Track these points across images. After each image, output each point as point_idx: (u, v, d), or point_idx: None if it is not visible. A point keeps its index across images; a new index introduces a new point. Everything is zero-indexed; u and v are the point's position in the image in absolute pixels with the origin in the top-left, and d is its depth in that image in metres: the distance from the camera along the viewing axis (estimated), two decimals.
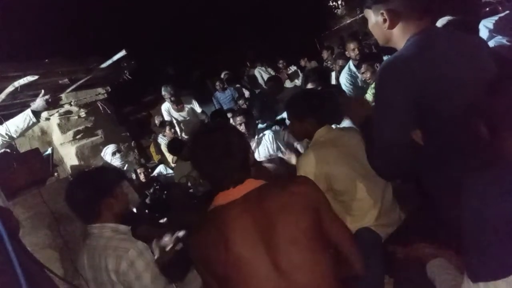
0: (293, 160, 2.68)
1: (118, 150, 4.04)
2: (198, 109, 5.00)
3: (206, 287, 1.17)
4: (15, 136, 2.52)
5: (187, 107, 4.99)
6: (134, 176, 4.16)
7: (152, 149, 5.99)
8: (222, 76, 6.81)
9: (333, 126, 2.68)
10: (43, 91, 2.58)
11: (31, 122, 2.51)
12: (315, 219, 1.11)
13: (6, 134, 2.48)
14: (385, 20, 1.24)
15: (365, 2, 1.30)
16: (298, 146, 3.10)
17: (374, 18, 1.28)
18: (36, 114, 2.54)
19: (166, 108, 5.10)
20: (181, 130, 5.13)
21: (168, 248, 1.72)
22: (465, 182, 0.91)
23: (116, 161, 4.06)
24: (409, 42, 1.22)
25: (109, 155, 4.01)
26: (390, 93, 1.21)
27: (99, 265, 1.45)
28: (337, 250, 1.19)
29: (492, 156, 0.97)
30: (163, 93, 4.91)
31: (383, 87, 1.24)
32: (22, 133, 2.60)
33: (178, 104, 4.99)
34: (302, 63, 7.17)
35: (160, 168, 4.59)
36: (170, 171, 4.49)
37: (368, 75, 3.30)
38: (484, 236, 0.86)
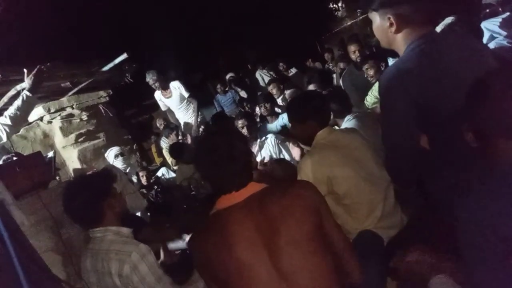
0: (297, 154, 2.67)
1: (121, 153, 4.04)
2: (185, 94, 4.86)
3: None
4: (13, 114, 2.39)
5: (175, 93, 4.89)
6: (136, 179, 4.17)
7: (153, 150, 6.00)
8: (227, 77, 6.82)
9: (335, 127, 2.70)
10: (25, 70, 2.47)
11: (25, 96, 2.38)
12: (316, 222, 1.11)
13: (9, 116, 2.39)
14: (391, 24, 1.24)
15: (371, 5, 1.28)
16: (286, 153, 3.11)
17: (380, 22, 1.28)
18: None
19: (158, 96, 5.04)
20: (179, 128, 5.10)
21: (177, 252, 1.72)
22: (466, 199, 0.90)
23: (118, 164, 4.07)
24: (410, 48, 1.22)
25: (112, 157, 4.02)
26: (393, 100, 1.22)
27: (102, 269, 1.46)
28: (335, 257, 1.18)
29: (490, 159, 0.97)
30: (147, 79, 4.83)
31: (387, 95, 1.26)
32: (23, 114, 2.47)
33: (165, 89, 4.89)
34: (307, 63, 7.14)
35: (162, 171, 4.60)
36: (172, 173, 4.49)
37: (372, 72, 3.25)
38: (485, 253, 0.85)
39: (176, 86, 4.86)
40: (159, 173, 4.52)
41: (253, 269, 1.06)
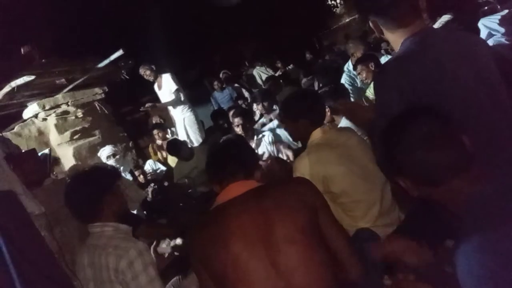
0: (291, 156, 2.67)
1: (114, 155, 4.02)
2: (173, 87, 4.76)
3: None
4: None
5: (165, 85, 4.83)
6: (131, 177, 4.14)
7: (150, 149, 5.96)
8: (220, 75, 6.78)
9: (330, 125, 2.68)
10: None
11: None
12: (312, 218, 1.13)
13: None
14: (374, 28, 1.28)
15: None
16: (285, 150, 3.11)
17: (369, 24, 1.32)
18: None
19: (155, 88, 5.01)
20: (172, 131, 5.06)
21: (166, 255, 1.72)
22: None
23: (111, 164, 4.05)
24: (404, 44, 1.22)
25: (104, 158, 4.01)
26: (386, 96, 1.22)
27: (99, 263, 1.45)
28: (334, 255, 1.18)
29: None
30: (139, 71, 4.80)
31: (380, 91, 1.27)
32: None
33: (156, 80, 4.87)
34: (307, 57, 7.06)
35: (149, 163, 4.56)
36: (160, 165, 4.48)
37: (363, 75, 3.29)
38: None
39: (166, 79, 4.82)
40: (146, 167, 4.49)
41: (249, 264, 1.07)
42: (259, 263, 1.06)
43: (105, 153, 4.01)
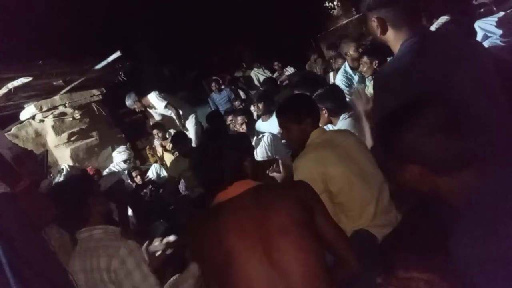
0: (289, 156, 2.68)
1: (129, 160, 4.04)
2: (162, 104, 4.72)
3: (206, 283, 1.23)
4: None
5: (156, 104, 4.83)
6: (128, 178, 4.14)
7: (148, 151, 5.96)
8: (212, 82, 6.74)
9: (327, 128, 2.69)
10: None
11: None
12: (306, 213, 1.16)
13: None
14: (377, 26, 1.28)
15: (362, 7, 1.34)
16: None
17: (370, 22, 1.32)
18: None
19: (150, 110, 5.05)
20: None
21: (158, 254, 1.73)
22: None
23: (121, 166, 4.06)
24: (403, 46, 1.23)
25: (120, 161, 4.02)
26: (385, 98, 1.24)
27: (91, 266, 1.46)
28: (333, 249, 1.22)
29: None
30: (128, 105, 4.80)
31: (380, 93, 1.28)
32: None
33: (148, 103, 4.88)
34: (312, 59, 7.03)
35: (156, 168, 4.54)
36: (164, 172, 4.47)
37: (365, 68, 3.28)
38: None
39: (153, 98, 4.78)
40: (152, 170, 4.47)
41: (243, 254, 1.09)
42: (253, 253, 1.09)
43: (122, 157, 4.02)
